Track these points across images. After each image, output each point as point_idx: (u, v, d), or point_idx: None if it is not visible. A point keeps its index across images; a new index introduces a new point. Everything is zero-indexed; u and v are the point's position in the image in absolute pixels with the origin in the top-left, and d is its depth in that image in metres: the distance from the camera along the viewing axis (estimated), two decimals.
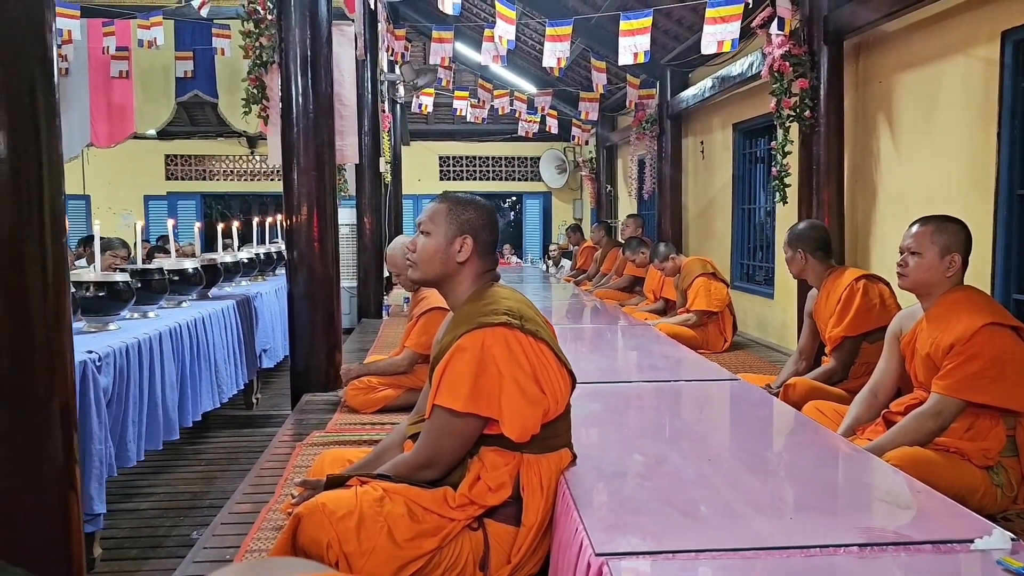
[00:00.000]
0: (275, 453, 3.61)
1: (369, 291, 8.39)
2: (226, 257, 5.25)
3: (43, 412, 1.33)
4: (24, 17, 1.28)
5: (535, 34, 9.91)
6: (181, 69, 10.56)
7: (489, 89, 10.33)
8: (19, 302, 1.29)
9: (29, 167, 1.30)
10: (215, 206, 15.11)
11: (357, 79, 6.00)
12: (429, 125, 14.11)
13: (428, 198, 14.63)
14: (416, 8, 10.47)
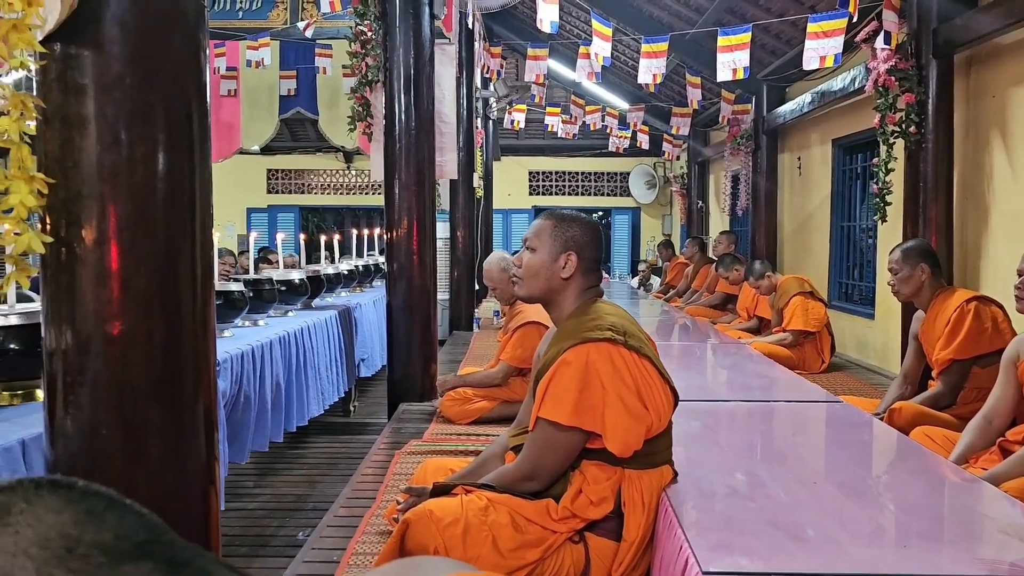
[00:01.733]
0: (374, 460, 3.72)
1: (461, 304, 8.53)
2: (328, 269, 5.45)
3: (190, 412, 1.44)
4: (184, 48, 1.40)
5: (628, 50, 9.93)
6: (285, 87, 11.03)
7: (581, 105, 10.38)
8: (172, 311, 1.40)
9: (183, 185, 1.41)
10: (311, 218, 15.61)
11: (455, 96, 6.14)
12: (520, 140, 14.26)
13: (518, 213, 14.78)
14: (510, 26, 10.63)
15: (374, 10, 4.85)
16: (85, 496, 0.65)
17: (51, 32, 1.26)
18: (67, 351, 1.36)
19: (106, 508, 0.65)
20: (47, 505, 0.63)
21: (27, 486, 0.65)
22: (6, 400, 2.20)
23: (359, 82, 5.03)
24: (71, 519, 0.62)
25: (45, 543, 0.60)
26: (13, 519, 0.61)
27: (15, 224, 1.24)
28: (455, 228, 8.62)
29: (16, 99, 1.22)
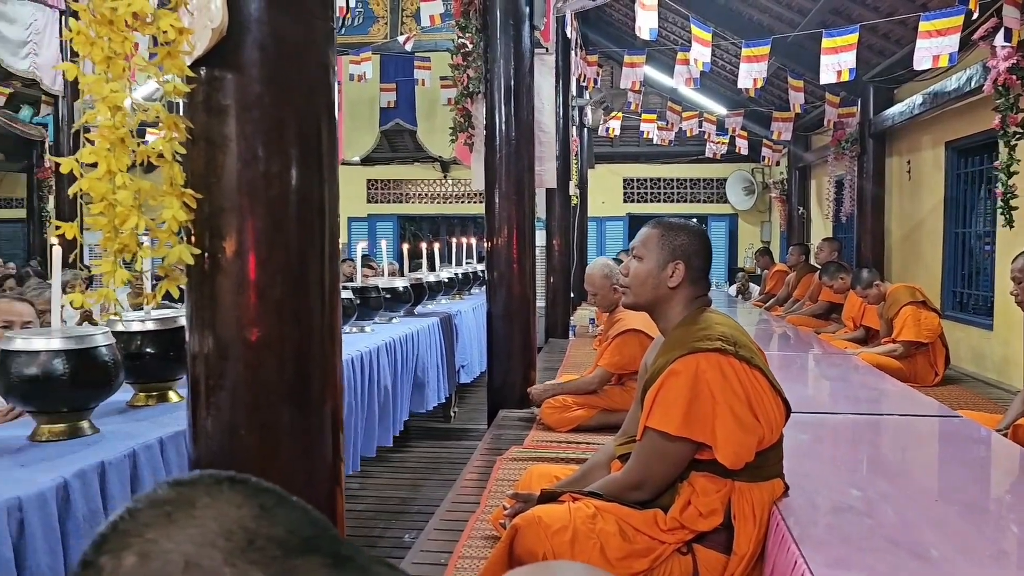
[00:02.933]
0: (476, 466, 3.77)
1: (557, 311, 8.55)
2: (430, 277, 5.57)
3: (318, 414, 1.51)
4: (316, 68, 1.48)
5: (726, 54, 9.76)
6: (385, 100, 11.34)
7: (678, 111, 10.27)
8: (303, 317, 1.48)
9: (313, 198, 1.49)
10: (409, 227, 15.95)
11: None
12: (614, 148, 14.20)
13: (612, 220, 14.71)
14: (606, 34, 10.62)
15: (475, 23, 4.94)
16: (258, 492, 0.70)
17: (198, 57, 1.36)
18: (209, 356, 1.45)
19: (277, 504, 0.70)
20: (228, 500, 0.68)
21: (208, 481, 0.71)
22: (142, 401, 2.35)
23: (460, 93, 5.12)
24: (249, 513, 0.67)
25: (229, 535, 0.65)
26: (199, 512, 0.66)
27: (167, 236, 1.33)
28: (551, 236, 8.66)
29: (169, 120, 1.32)
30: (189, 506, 0.67)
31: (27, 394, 1.90)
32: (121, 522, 0.66)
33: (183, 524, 0.65)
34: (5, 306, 3.01)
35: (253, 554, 0.66)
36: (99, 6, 1.32)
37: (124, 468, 1.82)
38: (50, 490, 1.60)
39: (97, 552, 0.65)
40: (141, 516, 0.66)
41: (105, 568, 0.64)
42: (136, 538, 0.64)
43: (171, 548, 0.64)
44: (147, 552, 0.63)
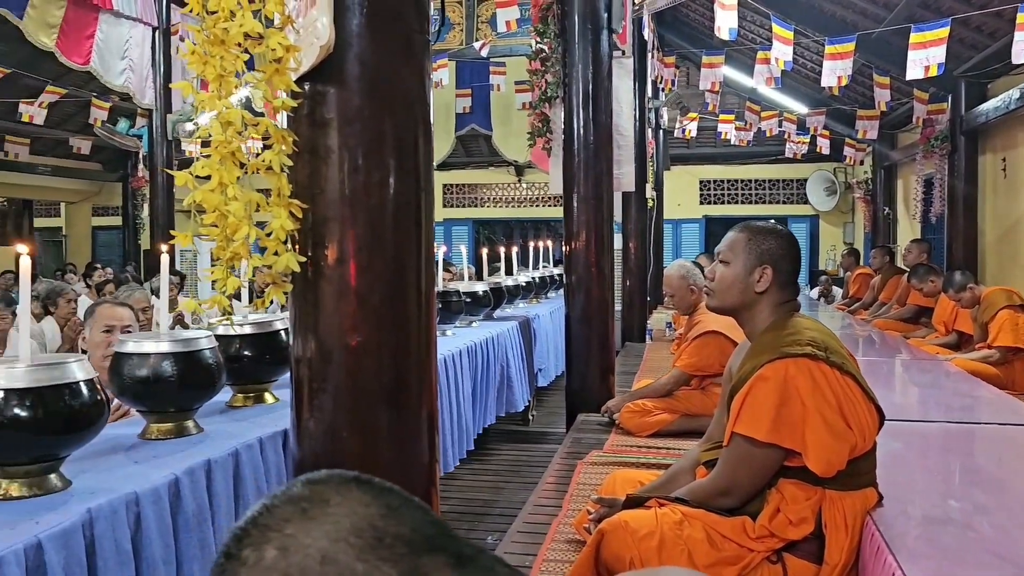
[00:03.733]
0: (557, 469, 3.78)
1: (633, 315, 8.49)
2: (508, 281, 5.61)
3: (415, 416, 1.55)
4: (413, 80, 1.52)
5: (807, 51, 9.54)
6: (460, 105, 11.47)
7: (757, 111, 10.09)
8: (401, 322, 1.53)
9: (411, 207, 1.53)
10: (483, 231, 16.08)
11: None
12: (690, 149, 14.02)
13: (688, 223, 14.53)
14: (682, 34, 10.50)
15: (553, 28, 4.96)
16: (383, 492, 0.74)
17: (303, 73, 1.42)
18: (312, 359, 1.51)
19: (401, 504, 0.73)
20: (357, 498, 0.72)
21: (338, 480, 0.74)
22: (240, 402, 2.45)
23: (539, 98, 5.15)
24: (377, 512, 0.70)
25: (360, 532, 0.69)
26: (332, 509, 0.70)
27: (275, 245, 1.39)
28: (627, 239, 8.61)
29: (278, 134, 1.38)
30: (323, 503, 0.70)
31: (138, 394, 2.00)
32: (260, 517, 0.70)
33: (319, 520, 0.68)
34: (107, 311, 3.17)
35: (383, 551, 0.69)
36: (212, 27, 1.39)
37: (228, 466, 1.91)
38: (163, 486, 1.69)
39: (239, 545, 0.69)
40: (279, 512, 0.70)
41: (248, 560, 0.68)
42: (276, 532, 0.68)
43: (309, 543, 0.67)
44: (287, 546, 0.67)
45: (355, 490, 0.72)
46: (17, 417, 1.52)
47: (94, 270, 9.31)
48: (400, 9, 1.48)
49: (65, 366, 1.61)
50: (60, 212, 16.46)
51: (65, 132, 11.72)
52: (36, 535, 1.38)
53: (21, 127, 10.85)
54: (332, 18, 1.36)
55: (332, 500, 0.70)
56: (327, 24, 1.36)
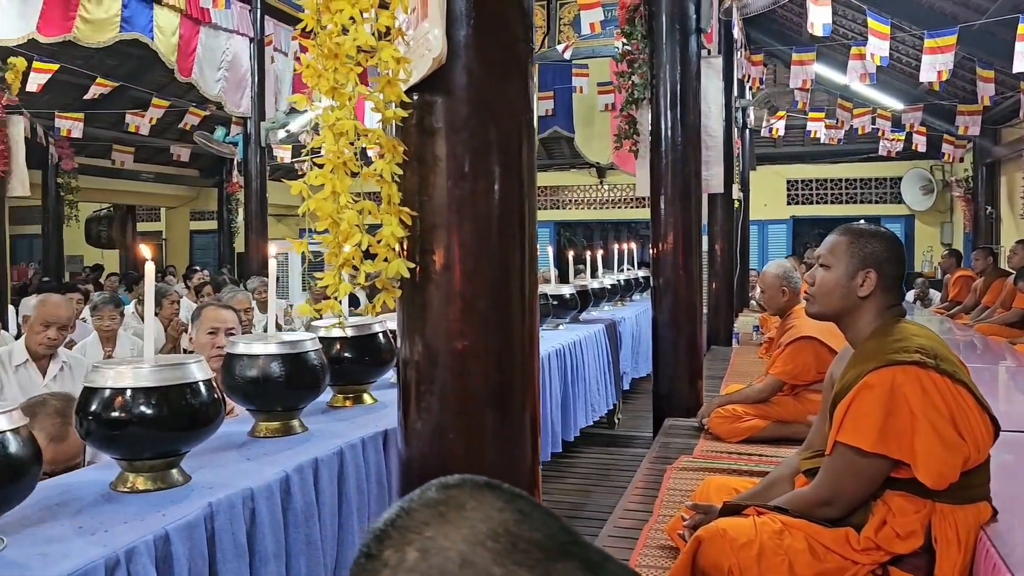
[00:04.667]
0: (646, 474, 3.76)
1: (719, 318, 8.36)
2: (594, 283, 5.61)
3: (519, 419, 1.58)
4: (518, 88, 1.55)
5: (902, 45, 9.20)
6: (542, 108, 11.48)
7: (849, 108, 9.78)
8: (505, 327, 1.55)
9: (514, 213, 1.56)
10: (564, 233, 16.07)
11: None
12: (777, 148, 13.70)
13: (775, 224, 14.19)
14: (770, 32, 10.27)
15: (640, 29, 4.93)
16: (515, 497, 0.75)
17: (413, 84, 1.45)
18: (419, 362, 1.55)
19: (533, 509, 0.74)
20: (490, 503, 0.73)
21: (471, 485, 0.76)
22: (340, 402, 2.52)
23: (626, 100, 5.13)
24: (511, 517, 0.72)
25: (496, 537, 0.70)
26: (468, 513, 0.72)
27: (385, 251, 1.43)
28: (713, 241, 8.48)
29: (389, 144, 1.42)
30: (459, 507, 0.72)
31: (248, 394, 2.09)
32: (399, 519, 0.73)
33: (457, 524, 0.70)
34: (212, 313, 3.30)
35: (518, 555, 0.71)
36: (325, 41, 1.44)
37: (333, 465, 1.97)
38: (275, 483, 1.75)
39: (380, 545, 0.72)
40: (418, 515, 0.72)
41: (390, 561, 0.70)
42: (416, 535, 0.70)
43: (448, 546, 0.70)
44: (427, 548, 0.70)
45: (488, 495, 0.74)
46: (144, 415, 1.60)
47: (193, 272, 9.72)
48: (506, 18, 1.50)
49: (186, 367, 1.69)
50: (160, 217, 17.25)
51: (166, 140, 12.29)
52: (164, 527, 1.45)
53: (126, 136, 11.43)
54: (444, 30, 1.40)
55: (467, 504, 0.72)
56: (439, 36, 1.39)
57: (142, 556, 1.38)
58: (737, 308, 9.25)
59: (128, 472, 1.67)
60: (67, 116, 9.91)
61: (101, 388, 1.63)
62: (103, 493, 1.64)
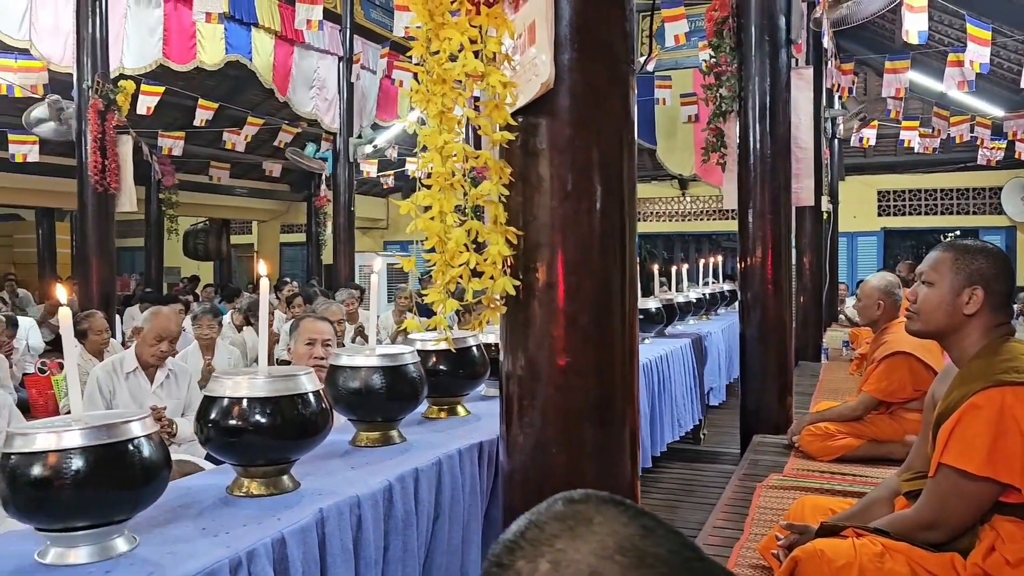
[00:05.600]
0: (735, 491, 3.70)
1: (808, 333, 8.16)
2: (679, 297, 5.56)
3: (619, 434, 1.60)
4: (620, 107, 1.58)
5: (1002, 50, 8.83)
6: None
7: (945, 116, 9.43)
8: (607, 343, 1.58)
9: (615, 231, 1.59)
10: (645, 245, 15.94)
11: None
12: (867, 158, 13.30)
13: (864, 236, 13.77)
14: (860, 40, 10.01)
15: (729, 41, 4.89)
16: (639, 513, 0.78)
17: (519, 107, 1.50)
18: (522, 377, 1.59)
19: (656, 525, 0.77)
20: (616, 518, 0.76)
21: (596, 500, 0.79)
22: (435, 414, 2.59)
23: (713, 113, 5.09)
24: (636, 532, 0.74)
25: (623, 551, 0.73)
26: (595, 528, 0.75)
27: (492, 269, 1.48)
28: (801, 254, 8.30)
29: (496, 166, 1.47)
30: (587, 522, 0.75)
31: (351, 404, 2.17)
32: (528, 531, 0.76)
33: (586, 538, 0.73)
34: (310, 325, 3.42)
35: (645, 570, 0.73)
36: (434, 67, 1.50)
37: (432, 474, 2.02)
38: (379, 491, 1.82)
39: (511, 556, 0.75)
40: (548, 528, 0.75)
41: (522, 572, 0.74)
42: (548, 547, 0.73)
43: (578, 558, 0.73)
44: (558, 560, 0.73)
45: (613, 510, 0.77)
46: (259, 423, 1.69)
47: (284, 284, 10.06)
48: (610, 42, 1.53)
49: (297, 378, 1.77)
50: (252, 230, 17.90)
51: (259, 157, 12.78)
52: (280, 531, 1.53)
53: (222, 153, 11.95)
54: (552, 55, 1.44)
55: (595, 519, 0.75)
56: (547, 61, 1.44)
57: (261, 558, 1.46)
58: (826, 322, 9.01)
59: (243, 477, 1.76)
60: (170, 135, 10.43)
61: (220, 397, 1.72)
62: (221, 497, 1.73)
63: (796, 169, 4.98)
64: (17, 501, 1.34)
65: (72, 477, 1.32)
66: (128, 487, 1.38)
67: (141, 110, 8.27)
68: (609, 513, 0.77)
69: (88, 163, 6.54)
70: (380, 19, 11.34)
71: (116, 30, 7.33)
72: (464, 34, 1.42)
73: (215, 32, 8.34)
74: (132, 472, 1.38)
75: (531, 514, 0.79)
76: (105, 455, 1.35)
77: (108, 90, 6.44)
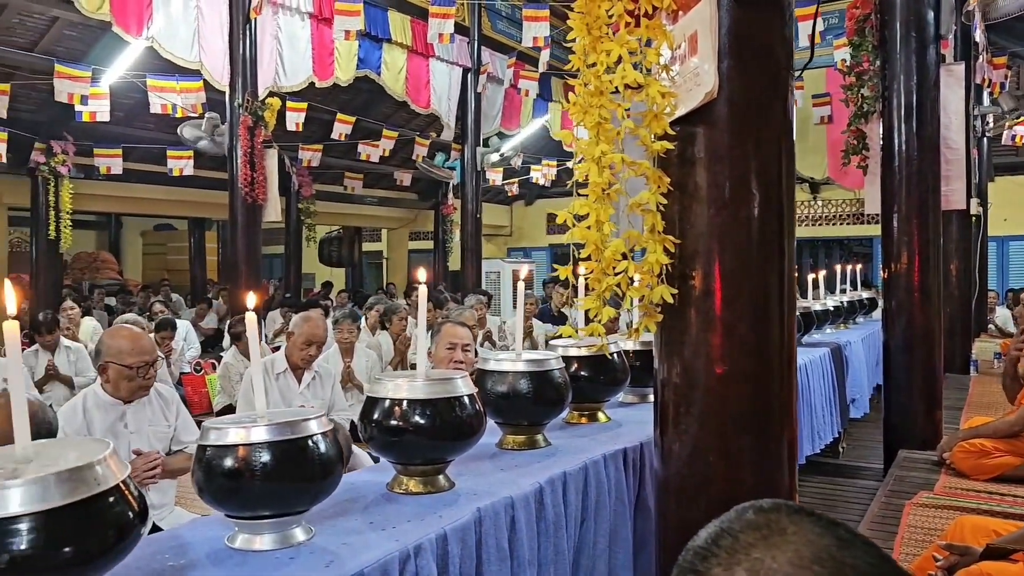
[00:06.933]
0: (881, 508, 3.56)
1: (955, 343, 7.71)
2: (816, 305, 5.38)
3: (777, 443, 1.58)
4: (781, 116, 1.56)
5: None
6: None
7: None
8: (765, 352, 1.56)
9: (774, 239, 1.57)
10: None
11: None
12: (1019, 157, 12.42)
13: (1016, 240, 12.85)
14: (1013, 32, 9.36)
15: (871, 40, 4.71)
16: (832, 524, 0.78)
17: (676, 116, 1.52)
18: (677, 384, 1.59)
19: (852, 537, 0.76)
20: (810, 529, 0.76)
21: (787, 510, 0.80)
22: (575, 419, 2.62)
23: (854, 114, 4.91)
24: (832, 543, 0.74)
25: (820, 562, 0.73)
26: (790, 537, 0.75)
27: (649, 278, 1.50)
28: (947, 259, 7.84)
29: (654, 175, 1.49)
30: (781, 531, 0.76)
31: (498, 408, 2.23)
32: (722, 539, 0.78)
33: (782, 547, 0.74)
34: (450, 330, 3.53)
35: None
36: (591, 79, 1.53)
37: (579, 479, 2.05)
38: (531, 493, 1.86)
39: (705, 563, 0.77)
40: (743, 537, 0.76)
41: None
42: (744, 555, 0.75)
43: (775, 567, 0.74)
44: (755, 569, 0.74)
45: (806, 520, 0.77)
46: (419, 424, 1.77)
47: (414, 290, 10.36)
48: (770, 48, 1.53)
49: (453, 382, 1.84)
50: (382, 237, 18.54)
51: (390, 167, 13.24)
52: (443, 528, 1.60)
53: (356, 164, 12.46)
54: (716, 65, 1.45)
55: (788, 529, 0.76)
56: (711, 71, 1.44)
57: (426, 553, 1.53)
58: (975, 333, 8.48)
59: (403, 475, 1.84)
60: (310, 148, 10.98)
61: (382, 399, 1.81)
62: (382, 493, 1.83)
63: (945, 171, 4.74)
64: (211, 489, 1.46)
65: (260, 470, 1.43)
66: (308, 480, 1.48)
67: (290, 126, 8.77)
68: (802, 523, 0.77)
69: (238, 176, 6.98)
70: (507, 30, 11.54)
71: (269, 50, 7.82)
72: (623, 46, 1.45)
73: (350, 49, 8.73)
74: (312, 467, 1.47)
75: (721, 522, 0.80)
76: (289, 450, 1.45)
77: (257, 107, 6.85)
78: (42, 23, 8.70)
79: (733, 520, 0.80)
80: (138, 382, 3.13)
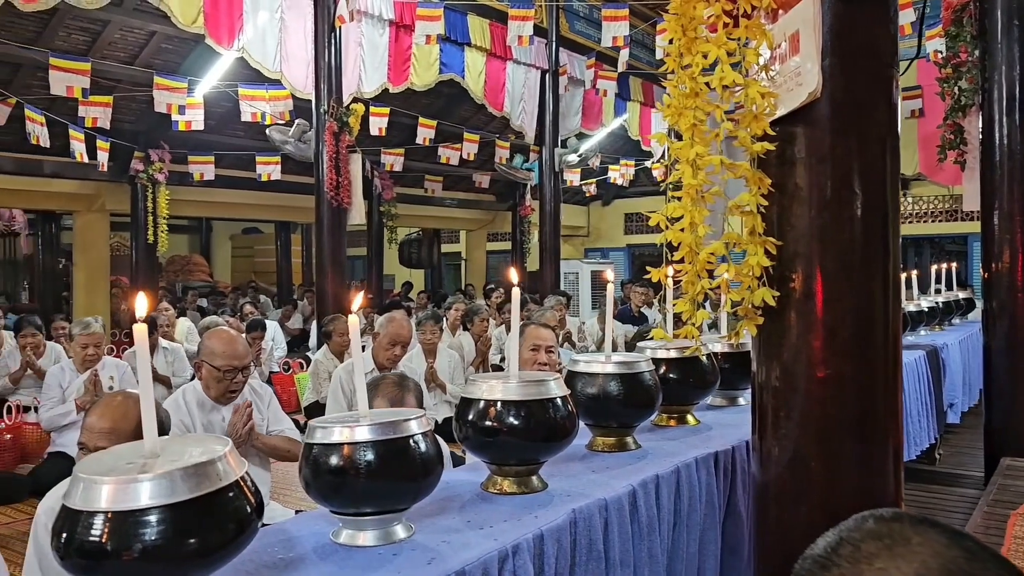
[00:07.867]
0: (984, 519, 3.40)
1: None
2: (910, 306, 5.21)
3: (882, 449, 1.54)
4: (885, 115, 1.53)
5: None
6: None
7: None
8: (868, 356, 1.53)
9: (878, 241, 1.53)
10: None
11: None
12: None
13: None
14: None
15: (969, 30, 4.52)
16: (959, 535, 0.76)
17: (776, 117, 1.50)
18: (777, 388, 1.57)
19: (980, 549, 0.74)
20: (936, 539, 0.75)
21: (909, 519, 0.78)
22: (664, 421, 2.60)
23: (951, 108, 4.72)
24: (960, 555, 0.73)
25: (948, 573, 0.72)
26: (915, 548, 0.74)
27: (749, 280, 1.48)
28: None
29: (754, 177, 1.47)
30: (905, 541, 0.75)
31: (588, 409, 2.23)
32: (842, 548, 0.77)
33: (907, 558, 0.73)
34: (535, 332, 3.55)
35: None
36: (685, 80, 1.53)
37: (672, 482, 2.04)
38: (624, 495, 1.86)
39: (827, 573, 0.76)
40: (865, 547, 0.75)
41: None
42: (867, 565, 0.74)
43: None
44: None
45: (930, 531, 0.75)
46: (512, 425, 1.79)
47: (492, 291, 10.45)
48: (875, 45, 1.49)
49: (547, 384, 1.85)
50: (460, 239, 18.75)
51: (468, 169, 13.39)
52: (539, 528, 1.61)
53: (435, 167, 12.65)
54: (819, 64, 1.43)
55: (913, 539, 0.74)
56: (814, 71, 1.42)
57: (523, 552, 1.55)
58: None
59: (497, 475, 1.87)
60: (392, 152, 11.20)
61: (476, 399, 1.84)
62: (477, 492, 1.85)
63: None
64: (318, 485, 1.51)
65: (365, 467, 1.47)
66: (410, 479, 1.51)
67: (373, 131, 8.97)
68: (928, 533, 0.76)
69: (324, 180, 7.17)
70: (584, 31, 11.52)
71: (353, 58, 8.03)
72: (721, 47, 1.44)
73: (430, 53, 8.88)
74: (414, 465, 1.51)
75: (840, 531, 0.79)
76: (392, 448, 1.49)
77: (342, 113, 7.03)
78: (141, 37, 9.13)
79: (853, 529, 0.79)
80: (226, 384, 3.23)
